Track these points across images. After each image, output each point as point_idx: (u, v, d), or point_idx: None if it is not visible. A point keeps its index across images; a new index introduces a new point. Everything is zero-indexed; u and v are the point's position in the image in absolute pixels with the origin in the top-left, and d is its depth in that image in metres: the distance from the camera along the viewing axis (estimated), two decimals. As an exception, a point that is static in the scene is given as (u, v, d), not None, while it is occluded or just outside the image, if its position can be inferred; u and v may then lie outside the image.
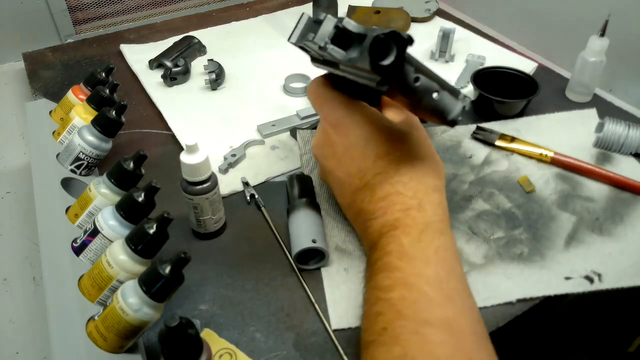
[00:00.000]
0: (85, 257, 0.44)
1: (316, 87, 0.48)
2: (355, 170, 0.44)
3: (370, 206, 0.42)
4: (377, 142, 0.43)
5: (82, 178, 0.55)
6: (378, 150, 0.43)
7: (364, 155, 0.43)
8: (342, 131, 0.44)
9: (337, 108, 0.45)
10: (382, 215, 0.42)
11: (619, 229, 0.54)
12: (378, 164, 0.43)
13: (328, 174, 0.47)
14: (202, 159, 0.47)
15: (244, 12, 0.99)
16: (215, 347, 0.43)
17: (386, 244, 0.40)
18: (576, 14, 0.80)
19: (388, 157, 0.43)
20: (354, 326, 0.45)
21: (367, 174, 0.43)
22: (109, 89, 0.57)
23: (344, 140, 0.44)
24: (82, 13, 0.93)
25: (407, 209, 0.41)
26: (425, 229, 0.40)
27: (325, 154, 0.46)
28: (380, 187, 0.42)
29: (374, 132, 0.43)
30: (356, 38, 0.36)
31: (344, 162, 0.44)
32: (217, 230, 0.53)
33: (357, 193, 0.44)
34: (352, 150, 0.44)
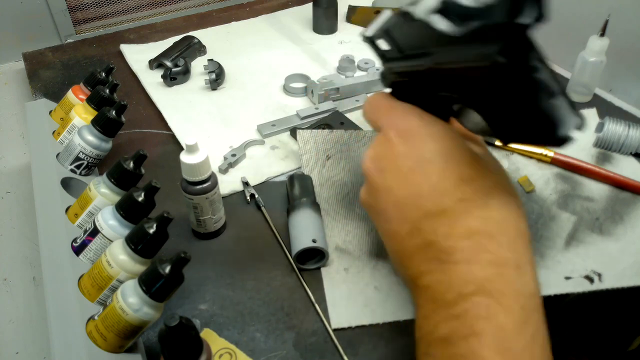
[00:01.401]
0: (85, 256, 0.44)
1: (380, 97, 0.40)
2: (428, 191, 0.34)
3: (447, 242, 0.32)
4: (460, 161, 0.34)
5: (82, 178, 0.55)
6: (462, 172, 0.34)
7: (442, 174, 0.34)
8: (415, 143, 0.35)
9: (410, 116, 0.37)
10: (464, 262, 0.31)
11: (619, 229, 0.54)
12: (462, 189, 0.33)
13: (384, 193, 0.36)
14: (202, 159, 0.47)
15: (244, 12, 0.99)
16: (215, 346, 0.43)
17: (474, 317, 0.30)
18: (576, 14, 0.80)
19: (475, 184, 0.34)
20: (354, 326, 0.45)
21: (446, 197, 0.33)
22: (109, 89, 0.57)
23: (416, 154, 0.35)
24: (82, 13, 0.93)
25: (502, 266, 0.31)
26: (527, 307, 0.30)
27: (385, 167, 0.36)
28: (465, 220, 0.33)
29: (456, 150, 0.35)
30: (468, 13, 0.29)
31: (412, 179, 0.35)
32: (217, 230, 0.53)
33: (428, 220, 0.34)
34: (426, 166, 0.34)
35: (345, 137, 0.61)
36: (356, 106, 0.72)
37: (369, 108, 0.40)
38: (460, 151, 0.35)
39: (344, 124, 0.66)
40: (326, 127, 0.65)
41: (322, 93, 0.71)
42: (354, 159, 0.60)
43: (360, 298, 0.47)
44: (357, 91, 0.74)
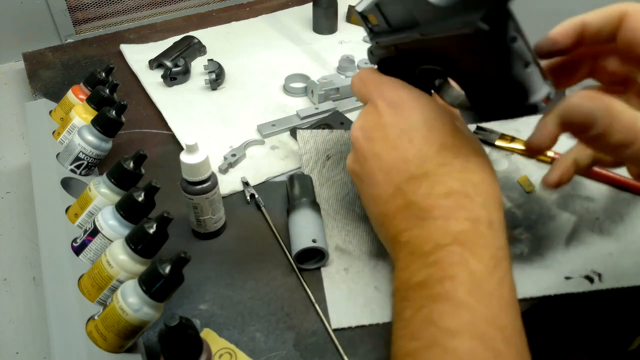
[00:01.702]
0: (85, 256, 0.44)
1: (369, 72, 0.43)
2: (413, 155, 0.37)
3: (427, 201, 0.35)
4: (442, 130, 0.37)
5: (82, 178, 0.55)
6: (443, 139, 0.37)
7: (426, 141, 0.37)
8: (402, 112, 0.38)
9: (398, 88, 0.40)
10: (442, 218, 0.34)
11: (619, 229, 0.54)
12: (443, 154, 0.36)
13: (371, 159, 0.39)
14: (202, 159, 0.47)
15: (244, 12, 0.99)
16: (215, 346, 0.43)
17: (448, 264, 0.33)
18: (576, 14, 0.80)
19: (454, 149, 0.37)
20: (354, 326, 0.45)
21: (428, 161, 0.36)
22: (109, 89, 0.57)
23: (403, 123, 0.38)
24: (82, 13, 0.93)
25: (477, 220, 0.34)
26: (496, 256, 0.33)
27: (373, 136, 0.39)
28: (444, 181, 0.35)
29: (439, 121, 0.38)
30: None
31: (398, 146, 0.38)
32: (217, 230, 0.53)
33: (411, 182, 0.36)
34: (411, 134, 0.37)
35: (345, 137, 0.61)
36: (356, 106, 0.72)
37: (358, 81, 0.43)
38: (443, 121, 0.38)
39: (344, 124, 0.66)
40: (326, 127, 0.65)
41: (322, 93, 0.71)
42: (354, 159, 0.60)
43: (360, 298, 0.47)
44: (357, 91, 0.74)
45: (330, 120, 0.66)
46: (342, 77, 0.76)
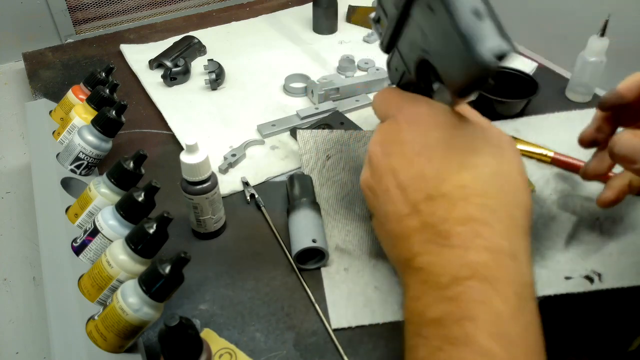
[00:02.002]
0: (85, 256, 0.44)
1: (391, 90, 0.42)
2: (431, 174, 0.35)
3: (444, 225, 0.33)
4: (463, 149, 0.35)
5: (82, 178, 0.55)
6: (463, 159, 0.35)
7: (445, 160, 0.35)
8: (421, 129, 0.37)
9: (419, 104, 0.38)
10: (460, 246, 0.32)
11: (619, 229, 0.54)
12: (462, 175, 0.34)
13: (387, 175, 0.37)
14: (202, 159, 0.47)
15: (244, 12, 0.99)
16: (215, 346, 0.43)
17: (468, 301, 0.30)
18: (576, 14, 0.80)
19: (474, 171, 0.34)
20: (354, 326, 0.45)
21: (447, 182, 0.34)
22: (109, 89, 0.57)
23: (422, 139, 0.36)
24: (82, 13, 0.93)
25: (498, 252, 0.31)
26: (522, 295, 0.31)
27: (391, 151, 0.38)
28: (462, 205, 0.33)
29: (460, 138, 0.36)
30: None
31: (417, 163, 0.36)
32: (217, 230, 0.53)
33: (428, 202, 0.34)
34: (430, 151, 0.35)
35: (345, 137, 0.61)
36: (356, 106, 0.72)
37: (380, 100, 0.42)
38: (463, 139, 0.36)
39: (344, 124, 0.66)
40: (326, 127, 0.65)
41: (322, 93, 0.71)
42: (354, 159, 0.60)
43: (360, 298, 0.47)
44: (357, 91, 0.74)
45: (330, 120, 0.66)
46: (342, 77, 0.76)
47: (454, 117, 0.37)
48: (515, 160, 0.37)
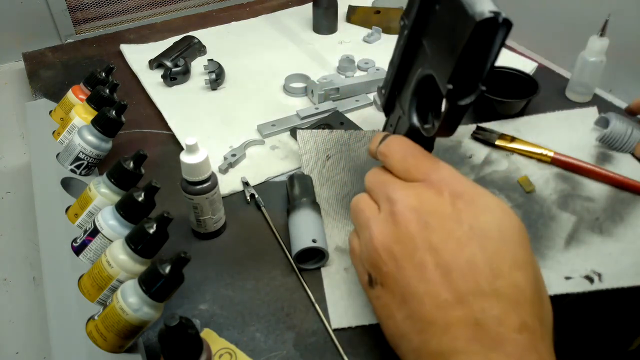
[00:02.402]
0: (85, 256, 0.44)
1: (410, 144, 0.39)
2: (484, 266, 0.31)
3: (498, 329, 0.30)
4: (515, 243, 0.33)
5: (82, 178, 0.55)
6: (515, 255, 0.32)
7: (499, 253, 0.32)
8: (472, 208, 0.33)
9: (462, 178, 0.35)
10: (513, 355, 0.29)
11: (619, 229, 0.54)
12: (515, 274, 0.31)
13: (425, 250, 0.33)
14: (202, 159, 0.47)
15: (244, 12, 0.99)
16: (215, 346, 0.43)
17: None
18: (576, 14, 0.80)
19: (526, 270, 0.32)
20: (354, 326, 0.45)
21: (501, 278, 0.31)
22: (109, 89, 0.57)
23: (473, 221, 0.33)
24: (82, 13, 0.93)
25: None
26: None
27: (431, 223, 0.34)
28: (517, 311, 0.30)
29: (511, 229, 0.33)
30: None
31: (466, 247, 0.32)
32: (217, 230, 0.53)
33: (480, 297, 0.31)
34: (483, 239, 0.32)
35: (345, 137, 0.61)
36: (356, 106, 0.72)
37: (400, 150, 0.38)
38: (514, 230, 0.33)
39: (344, 124, 0.66)
40: (326, 127, 0.65)
41: (322, 93, 0.71)
42: (354, 159, 0.60)
43: (360, 298, 0.47)
44: (357, 91, 0.74)
45: (330, 120, 0.66)
46: (342, 77, 0.76)
47: (500, 203, 0.34)
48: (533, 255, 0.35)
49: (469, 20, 0.32)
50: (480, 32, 0.32)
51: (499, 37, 0.33)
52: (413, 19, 0.40)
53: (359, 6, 0.94)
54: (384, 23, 0.90)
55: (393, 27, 0.89)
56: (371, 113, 0.72)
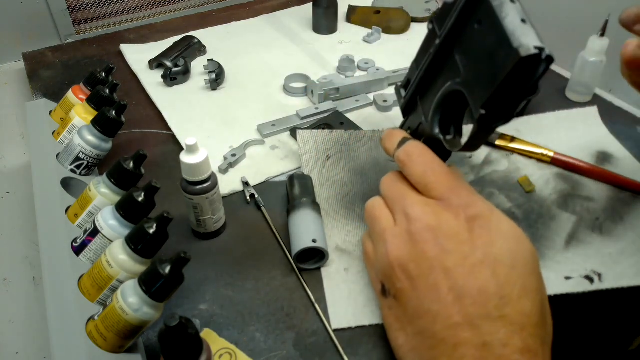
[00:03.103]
0: (85, 256, 0.44)
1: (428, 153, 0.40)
2: (494, 292, 0.33)
3: (503, 351, 0.32)
4: (526, 270, 0.34)
5: (82, 178, 0.55)
6: (525, 281, 0.34)
7: (509, 279, 0.33)
8: (486, 235, 0.35)
9: (477, 200, 0.37)
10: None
11: (619, 229, 0.54)
12: (523, 301, 0.33)
13: (440, 272, 0.35)
14: (202, 159, 0.47)
15: (244, 12, 0.99)
16: (215, 346, 0.43)
17: None
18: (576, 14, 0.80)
19: (533, 298, 0.34)
20: (354, 326, 0.45)
21: (509, 305, 0.33)
22: (109, 89, 0.57)
23: (487, 248, 0.34)
24: (82, 13, 0.93)
25: None
26: None
27: (447, 247, 0.35)
28: (521, 334, 0.32)
29: (522, 255, 0.35)
30: None
31: (479, 274, 0.34)
32: (217, 230, 0.53)
33: (488, 321, 0.33)
34: (496, 265, 0.34)
35: (345, 137, 0.61)
36: (356, 106, 0.72)
37: (422, 168, 0.39)
38: (526, 256, 0.35)
39: (344, 124, 0.66)
40: (326, 127, 0.65)
41: (322, 93, 0.71)
42: (354, 159, 0.60)
43: (360, 298, 0.47)
44: (357, 91, 0.74)
45: (330, 120, 0.66)
46: (342, 77, 0.76)
47: (513, 226, 0.36)
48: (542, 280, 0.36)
49: (513, 53, 0.32)
50: (523, 67, 0.32)
51: (540, 71, 0.33)
52: (448, 30, 0.39)
53: (359, 6, 0.94)
54: (384, 23, 0.90)
55: (393, 27, 0.89)
56: (371, 113, 0.72)
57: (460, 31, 0.38)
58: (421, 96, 0.44)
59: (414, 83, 0.45)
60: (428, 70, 0.42)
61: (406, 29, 0.90)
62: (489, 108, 0.35)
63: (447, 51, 0.40)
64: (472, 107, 0.36)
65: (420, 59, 0.44)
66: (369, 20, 0.91)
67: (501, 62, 0.33)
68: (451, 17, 0.38)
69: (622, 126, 0.68)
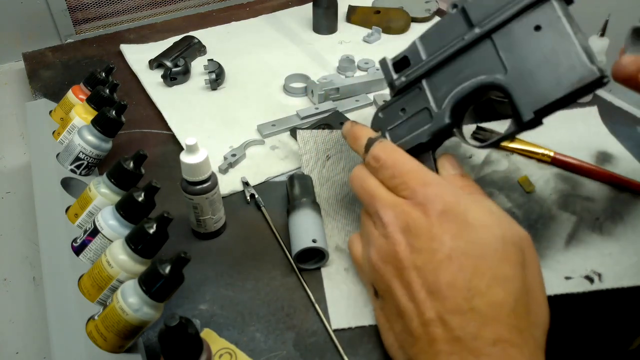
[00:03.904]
0: (85, 256, 0.44)
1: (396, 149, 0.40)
2: (462, 285, 0.33)
3: (474, 343, 0.32)
4: (495, 259, 0.34)
5: (82, 178, 0.55)
6: (495, 271, 0.34)
7: (477, 271, 0.34)
8: (453, 228, 0.35)
9: (443, 188, 0.37)
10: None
11: (619, 229, 0.54)
12: (493, 291, 0.33)
13: (411, 271, 0.36)
14: (202, 159, 0.47)
15: (244, 12, 0.99)
16: (215, 346, 0.43)
17: None
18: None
19: (505, 285, 0.33)
20: (354, 326, 0.45)
21: (478, 297, 0.33)
22: (109, 89, 0.57)
23: (453, 242, 0.35)
24: (82, 13, 0.93)
25: None
26: None
27: (417, 246, 0.36)
28: (492, 325, 0.32)
29: (491, 243, 0.34)
30: None
31: (446, 268, 0.34)
32: (217, 230, 0.53)
33: (457, 315, 0.33)
34: (462, 259, 0.34)
35: (345, 137, 0.61)
36: (356, 106, 0.72)
37: (390, 172, 0.39)
38: (494, 244, 0.34)
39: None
40: (326, 127, 0.65)
41: (322, 93, 0.71)
42: (354, 159, 0.60)
43: (360, 298, 0.47)
44: (357, 91, 0.74)
45: (330, 120, 0.66)
46: (342, 77, 0.76)
47: (480, 210, 0.36)
48: (537, 268, 0.36)
49: (588, 72, 0.34)
50: (591, 84, 0.34)
51: (596, 89, 0.35)
52: (494, 26, 0.38)
53: (359, 6, 0.94)
54: (384, 23, 0.90)
55: (393, 27, 0.89)
56: (371, 113, 0.71)
57: (507, 27, 0.38)
58: (429, 79, 0.43)
59: (426, 65, 0.43)
60: (451, 56, 0.41)
61: (406, 29, 0.90)
62: (539, 113, 0.36)
63: (482, 41, 0.39)
64: (520, 108, 0.37)
65: (434, 40, 0.42)
66: (369, 20, 0.91)
67: (570, 75, 0.34)
68: (501, 13, 0.38)
69: (622, 126, 0.68)
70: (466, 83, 0.40)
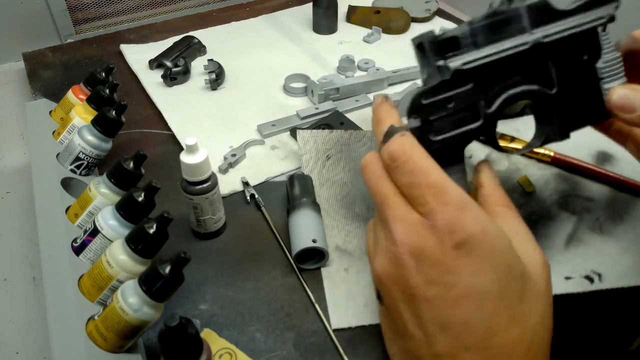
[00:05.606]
0: (85, 257, 0.44)
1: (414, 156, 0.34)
2: (478, 324, 0.32)
3: None
4: (514, 300, 0.32)
5: (82, 178, 0.55)
6: (514, 313, 0.32)
7: (496, 312, 0.31)
8: (474, 263, 0.32)
9: (466, 213, 0.32)
10: None
11: (619, 229, 0.54)
12: (510, 331, 0.32)
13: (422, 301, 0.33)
14: (202, 159, 0.47)
15: (244, 12, 0.99)
16: (215, 346, 0.43)
17: None
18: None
19: (523, 324, 0.32)
20: (354, 326, 0.45)
21: (495, 338, 0.31)
22: (109, 89, 0.57)
23: (471, 279, 0.32)
24: (82, 13, 0.93)
25: None
26: None
27: (430, 276, 0.32)
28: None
29: (512, 282, 0.32)
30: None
31: (463, 307, 0.32)
32: (217, 230, 0.53)
33: (470, 353, 0.32)
34: (481, 298, 0.32)
35: (345, 137, 0.61)
36: (356, 106, 0.72)
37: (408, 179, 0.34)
38: (514, 283, 0.32)
39: (344, 124, 0.66)
40: (326, 127, 0.65)
41: (322, 93, 0.71)
42: (354, 159, 0.60)
43: (360, 298, 0.47)
44: (357, 91, 0.74)
45: (330, 120, 0.66)
46: (342, 77, 0.76)
47: (506, 244, 0.33)
48: (550, 298, 0.34)
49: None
50: None
51: None
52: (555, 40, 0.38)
53: (359, 6, 0.94)
54: (384, 23, 0.90)
55: (393, 27, 0.89)
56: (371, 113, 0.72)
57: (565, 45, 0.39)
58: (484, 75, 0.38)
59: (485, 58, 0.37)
60: (510, 56, 0.38)
61: (406, 29, 0.90)
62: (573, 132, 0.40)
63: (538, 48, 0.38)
64: (560, 126, 0.40)
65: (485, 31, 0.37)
66: (369, 20, 0.91)
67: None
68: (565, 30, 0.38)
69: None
70: (519, 88, 0.38)
